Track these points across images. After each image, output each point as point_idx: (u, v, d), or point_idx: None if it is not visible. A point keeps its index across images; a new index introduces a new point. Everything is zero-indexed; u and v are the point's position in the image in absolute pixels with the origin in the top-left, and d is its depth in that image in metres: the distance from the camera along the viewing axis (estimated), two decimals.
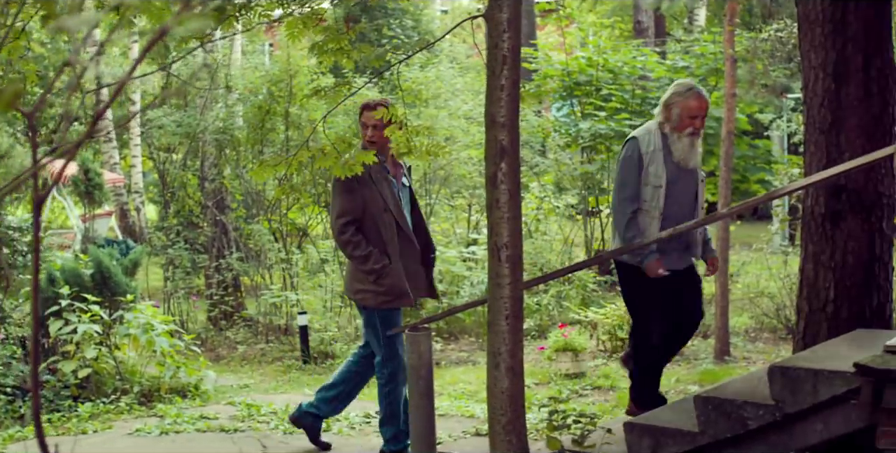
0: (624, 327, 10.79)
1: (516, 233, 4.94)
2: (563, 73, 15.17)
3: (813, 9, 6.84)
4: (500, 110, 4.92)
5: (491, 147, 4.93)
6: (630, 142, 7.02)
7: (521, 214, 5.04)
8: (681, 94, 6.97)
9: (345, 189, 6.91)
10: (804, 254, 6.96)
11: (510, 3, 4.92)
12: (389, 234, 6.93)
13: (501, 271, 4.94)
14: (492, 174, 4.91)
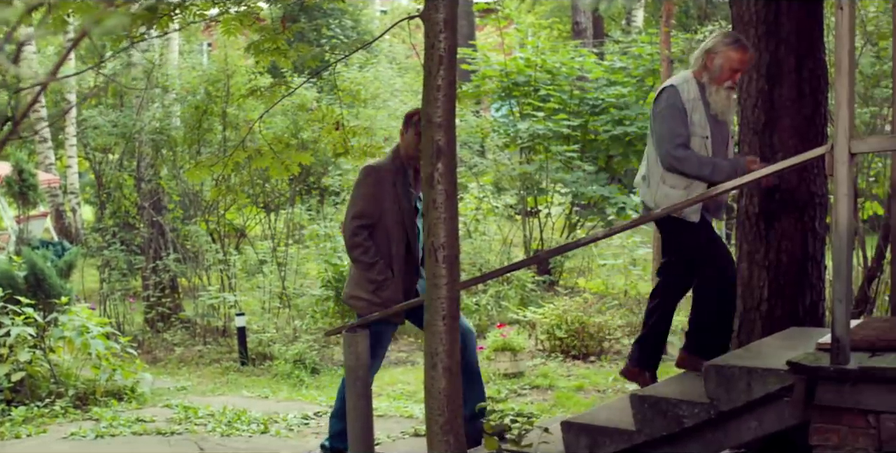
0: (562, 327, 10.84)
1: (453, 234, 4.93)
2: (501, 74, 15.21)
3: (746, 10, 6.90)
4: (436, 110, 4.92)
5: (427, 147, 4.93)
6: (669, 90, 6.37)
7: (457, 215, 5.04)
8: (727, 43, 6.24)
9: (369, 192, 6.74)
10: (739, 254, 7.03)
11: (446, 4, 4.92)
12: (397, 248, 6.77)
13: (438, 271, 4.93)
14: (428, 175, 4.90)
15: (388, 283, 6.71)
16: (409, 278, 6.82)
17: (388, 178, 6.70)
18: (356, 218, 6.74)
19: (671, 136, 6.22)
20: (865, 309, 8.47)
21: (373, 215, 6.72)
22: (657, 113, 6.39)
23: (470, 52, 16.37)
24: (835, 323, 5.17)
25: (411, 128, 6.70)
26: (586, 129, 15.27)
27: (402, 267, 6.77)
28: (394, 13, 33.81)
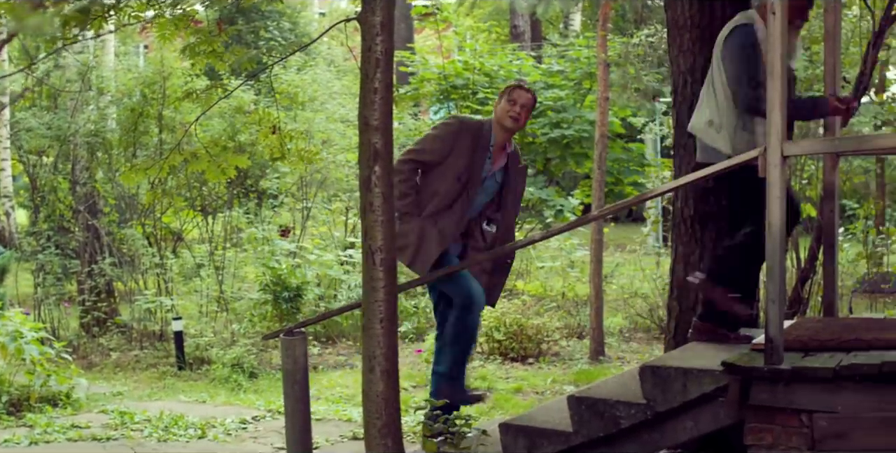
0: (501, 329, 10.87)
1: (390, 237, 4.93)
2: (439, 77, 15.22)
3: (681, 14, 6.97)
4: (373, 113, 4.92)
5: (364, 150, 4.92)
6: (743, 29, 6.10)
7: (394, 217, 5.04)
8: None
9: (440, 137, 6.63)
10: (674, 256, 7.09)
11: (383, 7, 4.92)
12: (443, 200, 6.59)
13: (376, 275, 4.93)
14: (365, 177, 4.90)
15: (407, 218, 6.56)
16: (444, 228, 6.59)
17: (468, 136, 6.60)
18: (412, 151, 6.67)
19: (749, 77, 6.00)
20: (799, 309, 8.59)
21: (432, 157, 6.60)
22: (733, 53, 6.11)
23: (408, 54, 16.37)
24: (768, 324, 5.24)
25: (504, 97, 6.70)
26: (524, 132, 15.30)
27: (434, 218, 6.58)
28: (332, 15, 33.75)
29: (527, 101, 6.72)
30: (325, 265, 12.40)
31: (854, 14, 10.25)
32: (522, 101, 6.69)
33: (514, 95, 6.71)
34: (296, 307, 11.41)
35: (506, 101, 6.67)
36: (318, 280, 12.37)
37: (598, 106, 10.51)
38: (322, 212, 14.53)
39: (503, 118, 6.68)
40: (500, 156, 6.79)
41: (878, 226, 10.78)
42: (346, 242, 13.50)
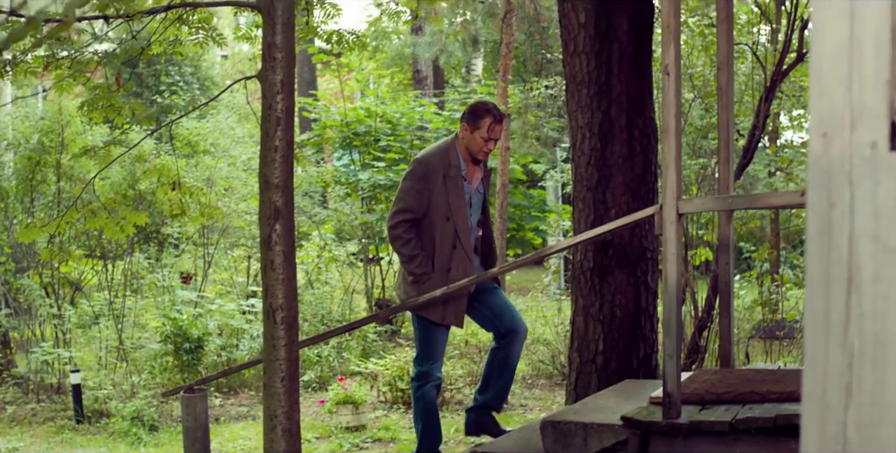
0: (404, 378, 10.85)
1: (291, 295, 4.92)
2: (342, 124, 15.26)
3: (579, 70, 7.10)
4: (273, 171, 4.91)
5: (265, 208, 4.92)
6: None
7: (295, 275, 5.03)
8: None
9: (414, 187, 6.58)
10: (574, 307, 7.18)
11: (283, 65, 4.94)
12: (444, 245, 6.59)
13: (277, 333, 4.91)
14: (266, 236, 4.89)
15: (425, 278, 6.54)
16: (455, 275, 6.59)
17: (438, 171, 6.54)
18: (399, 212, 6.61)
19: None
20: (697, 358, 8.72)
21: (417, 210, 6.57)
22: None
23: (310, 101, 16.40)
24: (666, 378, 5.32)
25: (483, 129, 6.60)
26: None
27: (446, 263, 6.57)
28: (234, 59, 33.59)
29: (499, 133, 6.68)
30: (226, 314, 12.29)
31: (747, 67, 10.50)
32: (495, 136, 6.65)
33: (493, 132, 6.64)
34: (197, 358, 11.27)
35: (483, 134, 6.60)
36: (220, 329, 12.25)
37: (499, 155, 10.61)
38: (224, 257, 14.42)
39: (476, 150, 6.64)
40: (474, 173, 6.76)
41: (773, 273, 11.01)
42: (248, 291, 13.40)
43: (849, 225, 1.68)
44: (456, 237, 6.59)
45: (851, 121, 1.68)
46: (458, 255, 6.60)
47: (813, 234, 1.70)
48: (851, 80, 1.68)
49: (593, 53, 7.02)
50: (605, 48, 7.01)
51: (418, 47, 16.52)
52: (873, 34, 1.66)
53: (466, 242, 6.63)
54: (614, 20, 7.01)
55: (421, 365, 6.75)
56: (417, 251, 6.55)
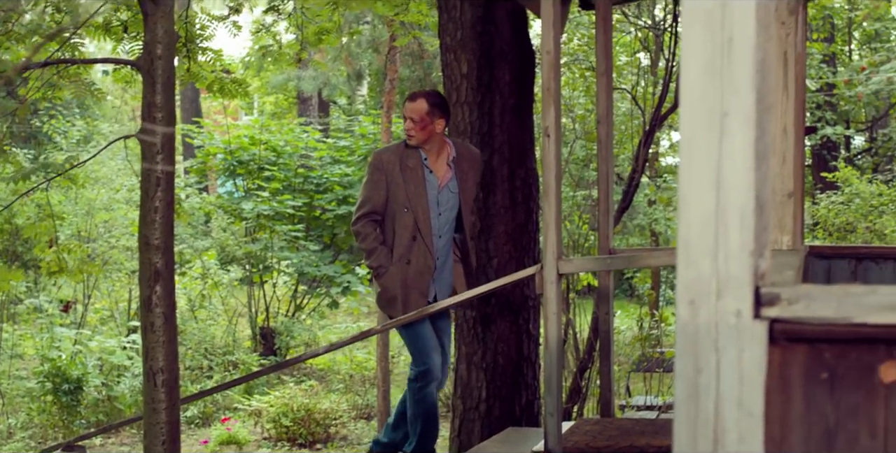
0: (288, 415, 10.79)
1: (172, 357, 4.87)
2: (226, 152, 15.15)
3: (462, 120, 7.15)
4: (153, 233, 4.86)
5: (145, 270, 4.85)
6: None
7: (176, 337, 4.98)
8: None
9: (369, 179, 6.37)
10: (458, 355, 7.22)
11: (164, 125, 4.89)
12: (403, 236, 6.31)
13: (157, 396, 4.85)
14: (146, 298, 4.83)
15: (381, 271, 6.32)
16: (416, 267, 6.34)
17: (394, 161, 6.33)
18: (359, 207, 6.40)
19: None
20: (579, 399, 8.83)
21: (375, 202, 6.34)
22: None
23: (193, 128, 16.24)
24: (547, 435, 5.39)
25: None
26: (311, 207, 15.36)
27: (405, 255, 6.32)
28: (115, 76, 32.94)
29: (413, 112, 6.34)
30: (106, 351, 12.07)
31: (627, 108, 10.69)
32: (409, 114, 6.35)
33: (406, 110, 6.41)
34: (76, 399, 11.05)
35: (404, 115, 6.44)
36: (101, 364, 12.03)
37: None
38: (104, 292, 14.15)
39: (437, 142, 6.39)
40: (441, 167, 6.47)
41: (653, 311, 11.23)
42: (129, 326, 13.18)
43: (715, 390, 1.73)
44: (416, 228, 6.35)
45: (717, 289, 1.74)
46: (419, 248, 6.36)
47: (681, 398, 1.75)
48: (717, 250, 1.73)
49: (476, 104, 7.08)
50: (488, 99, 7.08)
51: (302, 81, 16.52)
52: (738, 205, 1.72)
53: (427, 234, 6.36)
54: (496, 71, 7.09)
55: (418, 366, 6.44)
56: (375, 245, 6.32)
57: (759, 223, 1.74)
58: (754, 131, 1.71)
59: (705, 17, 1.74)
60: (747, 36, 1.72)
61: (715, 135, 1.73)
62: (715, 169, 1.73)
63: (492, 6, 7.08)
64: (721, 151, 1.73)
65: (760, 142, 1.73)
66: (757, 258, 1.74)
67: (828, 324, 1.71)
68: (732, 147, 1.72)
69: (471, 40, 7.08)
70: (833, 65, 18.74)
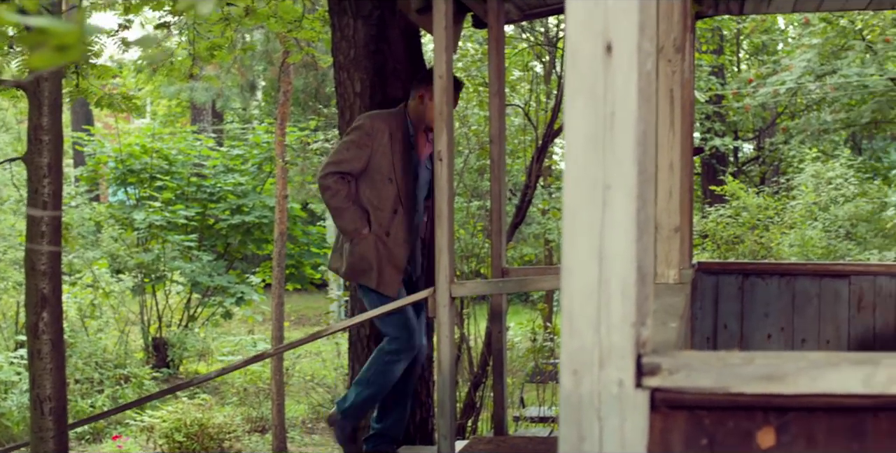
0: (182, 430, 10.66)
1: (60, 385, 4.79)
2: (117, 160, 14.93)
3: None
4: (40, 258, 4.78)
5: (31, 296, 4.77)
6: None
7: (64, 364, 4.90)
8: None
9: (355, 142, 6.07)
10: (351, 374, 7.19)
11: (50, 148, 4.81)
12: (384, 208, 6.05)
13: (45, 425, 4.77)
14: (32, 324, 4.75)
15: (357, 236, 6.02)
16: (395, 240, 6.09)
17: (384, 130, 6.10)
18: (331, 163, 6.06)
19: None
20: (473, 413, 8.87)
21: (353, 165, 6.04)
22: None
23: (84, 136, 15.97)
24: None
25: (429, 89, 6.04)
26: (205, 216, 15.21)
27: (385, 227, 6.06)
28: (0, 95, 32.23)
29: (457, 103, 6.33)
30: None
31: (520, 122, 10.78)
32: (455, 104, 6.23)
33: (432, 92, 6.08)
34: None
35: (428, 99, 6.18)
36: None
37: (277, 204, 10.57)
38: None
39: (432, 118, 5.99)
40: (422, 143, 6.35)
41: (546, 323, 11.33)
42: (17, 340, 12.91)
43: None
44: (398, 200, 6.13)
45: (600, 359, 1.76)
46: (399, 221, 6.14)
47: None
48: (600, 321, 1.76)
49: None
50: None
51: (195, 92, 16.35)
52: (620, 276, 1.75)
53: (409, 208, 6.18)
54: (390, 90, 7.08)
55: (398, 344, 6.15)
56: (349, 204, 6.03)
57: (641, 293, 1.77)
58: (636, 203, 1.75)
59: (588, 91, 1.77)
60: (629, 109, 1.75)
61: (597, 208, 1.76)
62: (597, 240, 1.76)
63: (385, 25, 7.08)
64: (603, 223, 1.76)
65: (642, 214, 1.77)
66: (639, 328, 1.77)
67: (707, 393, 1.76)
68: (614, 219, 1.75)
69: (364, 59, 7.06)
70: (722, 76, 19.13)
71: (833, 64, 15.76)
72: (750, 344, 7.40)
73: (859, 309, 7.34)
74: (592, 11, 1.77)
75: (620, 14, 1.76)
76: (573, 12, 1.77)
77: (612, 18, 1.76)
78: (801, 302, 7.38)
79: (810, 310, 7.36)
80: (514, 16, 7.34)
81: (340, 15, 7.15)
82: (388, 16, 7.07)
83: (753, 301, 7.42)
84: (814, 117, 16.74)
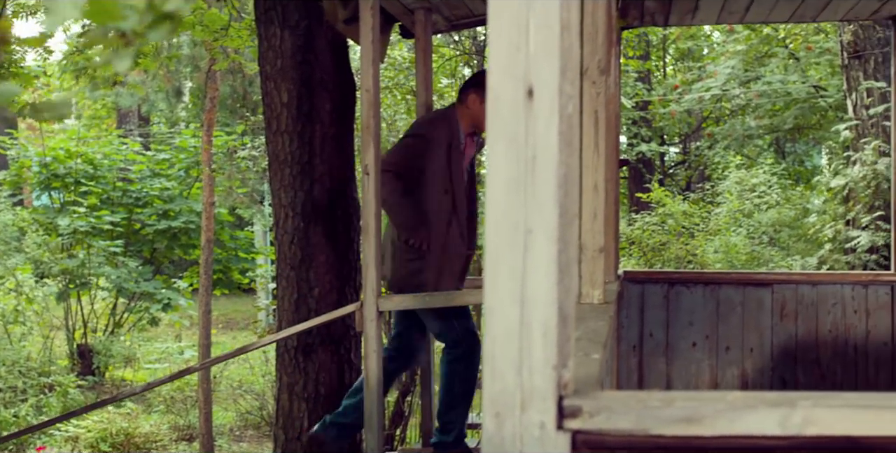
0: (107, 440, 10.55)
1: None
2: (41, 164, 14.74)
3: (282, 150, 7.10)
4: None
5: None
6: None
7: None
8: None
9: (415, 146, 5.81)
10: (279, 385, 7.17)
11: None
12: (440, 220, 5.82)
13: None
14: None
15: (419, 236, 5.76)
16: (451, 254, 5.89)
17: (444, 139, 5.85)
18: (388, 162, 5.76)
19: None
20: (401, 422, 8.87)
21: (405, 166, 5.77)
22: None
23: (6, 140, 15.74)
24: None
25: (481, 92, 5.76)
26: (131, 221, 15.06)
27: (441, 240, 5.82)
28: None
29: None
30: None
31: None
32: None
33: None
34: None
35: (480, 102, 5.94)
36: None
37: (204, 211, 10.50)
38: None
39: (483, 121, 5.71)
40: (469, 144, 6.12)
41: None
42: None
43: None
44: (453, 213, 5.90)
45: (522, 402, 1.78)
46: (453, 234, 5.92)
47: None
48: (522, 363, 1.77)
49: (296, 133, 7.04)
50: (308, 128, 7.05)
51: (120, 97, 16.17)
52: (542, 319, 1.76)
53: (462, 220, 5.98)
54: (317, 100, 7.06)
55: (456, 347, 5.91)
56: (404, 200, 5.81)
57: (563, 335, 1.79)
58: (557, 245, 1.76)
59: (510, 135, 1.78)
60: (551, 153, 1.76)
61: (519, 251, 1.77)
62: (519, 284, 1.77)
63: (313, 35, 7.05)
64: (525, 267, 1.77)
65: (563, 256, 1.78)
66: (560, 370, 1.78)
67: (627, 436, 1.77)
68: (536, 262, 1.77)
69: (291, 69, 7.04)
70: (648, 81, 19.31)
71: (757, 71, 15.99)
72: (675, 352, 7.48)
73: (782, 317, 7.45)
74: (514, 56, 1.78)
75: (542, 59, 1.77)
76: (495, 57, 1.78)
77: (533, 63, 1.77)
78: (726, 310, 7.48)
79: (734, 318, 7.45)
80: (442, 26, 7.36)
81: (267, 25, 7.12)
82: (316, 26, 7.05)
83: (679, 309, 7.50)
84: (738, 123, 16.96)
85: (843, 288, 7.44)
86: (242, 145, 13.16)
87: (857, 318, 7.41)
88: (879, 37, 11.70)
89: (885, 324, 7.35)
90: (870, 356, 7.37)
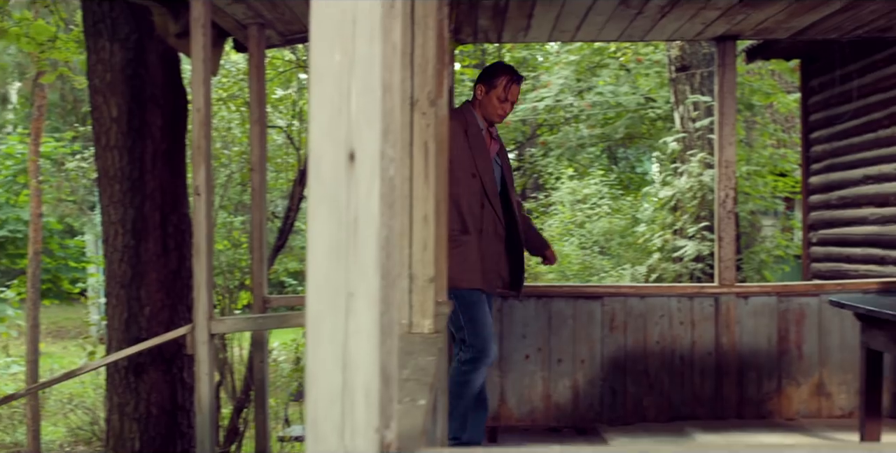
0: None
1: None
2: None
3: (112, 165, 6.97)
4: None
5: None
6: None
7: None
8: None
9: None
10: (109, 405, 7.04)
11: None
12: (473, 204, 5.77)
13: None
14: None
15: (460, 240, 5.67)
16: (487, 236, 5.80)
17: (460, 127, 5.79)
18: None
19: None
20: (237, 438, 8.79)
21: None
22: None
23: None
24: None
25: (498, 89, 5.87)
26: None
27: (477, 223, 5.76)
28: None
29: (517, 95, 6.06)
30: None
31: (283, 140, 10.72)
32: (514, 98, 6.04)
33: (510, 92, 5.98)
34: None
35: (499, 94, 5.95)
36: None
37: (32, 222, 10.22)
38: None
39: (491, 113, 5.94)
40: (490, 138, 6.08)
41: None
42: None
43: None
44: (484, 195, 5.87)
45: None
46: (488, 215, 5.88)
47: None
48: (344, 427, 1.78)
49: (126, 149, 6.92)
50: (139, 144, 6.94)
51: None
52: (364, 383, 1.77)
53: (496, 202, 5.92)
54: (148, 115, 6.95)
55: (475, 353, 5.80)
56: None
57: (385, 397, 1.80)
58: (379, 308, 1.77)
59: (331, 199, 1.78)
60: (372, 216, 1.77)
61: (341, 315, 1.77)
62: (341, 348, 1.77)
63: (143, 49, 6.94)
64: (347, 331, 1.77)
65: (385, 318, 1.79)
66: (383, 432, 1.79)
67: None
68: (358, 326, 1.77)
69: (121, 83, 6.91)
70: None
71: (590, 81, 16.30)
72: (509, 364, 7.57)
73: (612, 328, 7.60)
74: (335, 119, 1.79)
75: (363, 122, 1.78)
76: (317, 120, 1.78)
77: (354, 126, 1.78)
78: (557, 323, 7.60)
79: (566, 330, 7.58)
80: (276, 41, 7.31)
81: (96, 37, 6.98)
82: (147, 40, 6.94)
83: (512, 323, 7.59)
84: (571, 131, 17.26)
85: (670, 300, 7.63)
86: (73, 152, 12.84)
87: (683, 329, 7.61)
88: (705, 52, 12.06)
89: (710, 335, 7.57)
90: (695, 366, 7.58)
